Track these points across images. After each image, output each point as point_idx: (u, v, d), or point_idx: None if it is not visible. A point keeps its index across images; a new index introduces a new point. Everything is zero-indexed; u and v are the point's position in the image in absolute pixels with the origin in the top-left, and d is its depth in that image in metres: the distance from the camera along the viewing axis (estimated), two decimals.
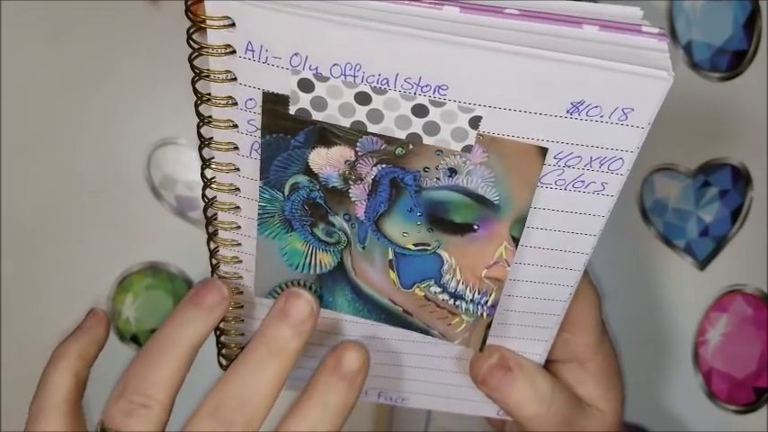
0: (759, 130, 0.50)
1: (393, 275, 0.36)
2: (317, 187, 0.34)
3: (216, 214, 0.36)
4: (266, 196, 0.34)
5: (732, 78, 0.49)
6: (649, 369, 0.53)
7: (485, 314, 0.37)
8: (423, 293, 0.37)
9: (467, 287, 0.36)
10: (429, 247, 0.35)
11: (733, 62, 0.49)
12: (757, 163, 0.50)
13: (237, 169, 0.34)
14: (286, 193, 0.34)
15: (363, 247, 0.36)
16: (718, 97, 0.49)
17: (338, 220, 0.35)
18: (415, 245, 0.35)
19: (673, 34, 0.49)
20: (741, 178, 0.50)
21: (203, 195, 0.35)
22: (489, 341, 0.39)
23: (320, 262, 0.36)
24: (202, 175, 0.35)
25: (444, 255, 0.35)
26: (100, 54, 0.48)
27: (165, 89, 0.48)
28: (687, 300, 0.52)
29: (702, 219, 0.51)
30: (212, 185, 0.35)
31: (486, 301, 0.36)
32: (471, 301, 0.36)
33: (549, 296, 0.36)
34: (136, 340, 0.50)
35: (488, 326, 0.37)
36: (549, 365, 0.40)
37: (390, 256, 0.36)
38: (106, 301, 0.50)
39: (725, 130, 0.50)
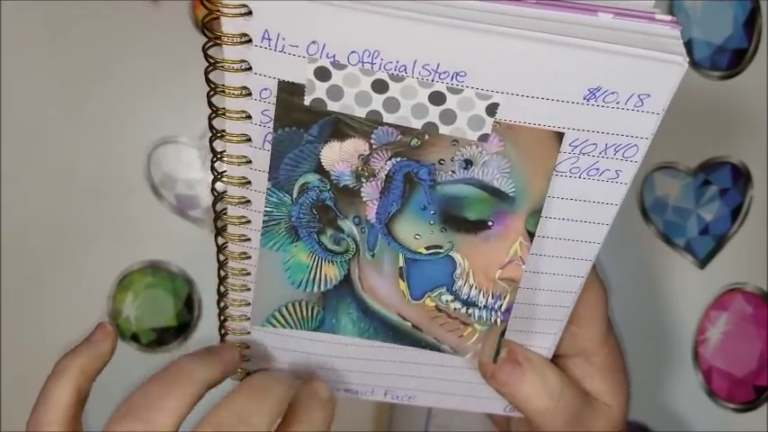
0: (759, 128, 0.50)
1: (403, 286, 0.36)
2: (328, 187, 0.33)
3: (225, 209, 0.35)
4: (273, 200, 0.34)
5: (732, 77, 0.49)
6: (650, 367, 0.53)
7: (499, 320, 0.36)
8: (434, 303, 0.36)
9: (480, 292, 0.36)
10: (441, 250, 0.35)
11: (733, 61, 0.49)
12: (757, 161, 0.50)
13: (249, 161, 0.34)
14: (294, 195, 0.34)
15: (372, 255, 0.35)
16: (718, 96, 0.49)
17: (347, 225, 0.34)
18: (428, 248, 0.35)
19: None
20: (741, 177, 0.50)
21: (212, 189, 0.35)
22: None
23: (325, 276, 0.36)
24: (212, 168, 0.34)
25: (457, 257, 0.35)
26: (100, 53, 0.48)
27: (165, 88, 0.48)
28: (687, 298, 0.52)
29: (702, 217, 0.51)
30: (223, 179, 0.34)
31: (501, 306, 0.36)
32: (485, 307, 0.36)
33: (561, 288, 0.36)
34: (136, 339, 0.50)
35: (502, 333, 0.37)
36: (555, 360, 0.40)
37: (401, 263, 0.35)
38: (106, 299, 0.50)
39: (725, 128, 0.50)
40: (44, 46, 0.47)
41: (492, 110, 0.31)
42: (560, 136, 0.31)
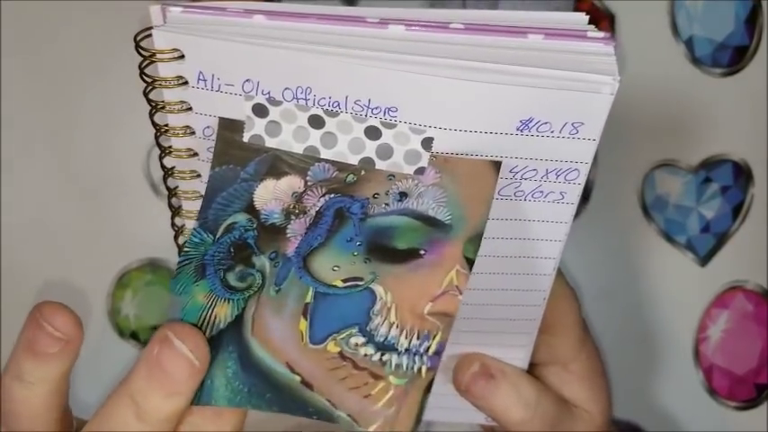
0: (760, 125, 0.50)
1: (303, 326, 0.31)
2: (254, 226, 0.32)
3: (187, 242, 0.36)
4: (195, 240, 0.32)
5: (734, 74, 0.49)
6: (650, 366, 0.53)
7: (424, 368, 0.31)
8: (338, 349, 0.31)
9: (402, 332, 0.31)
10: (361, 283, 0.31)
11: (734, 58, 0.49)
12: (759, 159, 0.50)
13: (202, 196, 0.34)
14: (218, 235, 0.32)
15: (278, 290, 0.31)
16: (719, 93, 0.49)
17: (261, 260, 0.32)
18: (345, 280, 0.31)
19: (674, 30, 0.49)
20: (742, 174, 0.50)
21: (173, 224, 0.36)
22: (468, 349, 0.38)
23: (215, 317, 0.31)
24: (170, 205, 0.35)
25: (378, 290, 0.31)
26: (99, 52, 0.48)
27: None
28: (688, 296, 0.52)
29: (703, 215, 0.50)
30: (180, 214, 0.35)
31: (428, 348, 0.31)
32: (407, 351, 0.31)
33: (523, 302, 0.36)
34: (135, 337, 0.50)
35: (427, 389, 0.31)
36: (532, 369, 0.40)
37: (308, 298, 0.31)
38: (105, 297, 0.50)
39: (726, 125, 0.50)
40: (44, 44, 0.47)
41: (427, 144, 0.31)
42: (498, 165, 0.31)
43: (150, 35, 0.31)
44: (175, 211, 0.35)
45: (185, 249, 0.32)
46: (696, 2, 0.48)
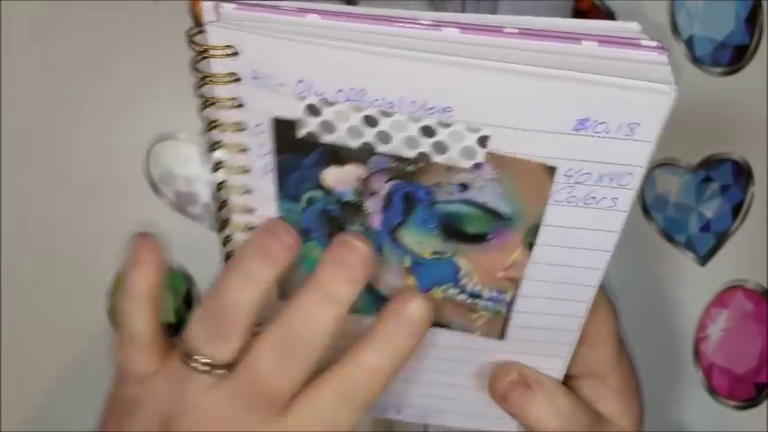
0: (760, 125, 0.50)
1: (411, 281, 0.36)
2: (333, 201, 0.34)
3: (230, 235, 0.36)
4: (286, 207, 0.35)
5: (734, 73, 0.49)
6: (649, 365, 0.53)
7: (503, 309, 0.37)
8: (442, 295, 0.37)
9: (483, 288, 0.36)
10: (445, 256, 0.35)
11: (735, 57, 0.49)
12: (759, 158, 0.50)
13: (250, 191, 0.34)
14: (303, 205, 0.34)
15: (381, 255, 0.36)
16: (719, 92, 0.49)
17: (355, 230, 0.35)
18: (432, 253, 0.35)
19: (674, 29, 0.49)
20: (742, 173, 0.50)
21: (218, 218, 0.36)
22: (506, 357, 0.39)
23: None
24: (215, 198, 0.35)
25: (460, 261, 0.35)
26: (99, 51, 0.47)
27: (165, 84, 0.48)
28: (688, 295, 0.52)
29: (703, 214, 0.51)
30: (226, 206, 0.35)
31: (505, 298, 0.37)
32: (489, 299, 0.37)
33: (565, 312, 0.36)
34: None
35: (506, 320, 0.38)
36: (568, 381, 0.40)
37: (407, 263, 0.36)
38: (105, 296, 0.50)
39: (726, 125, 0.50)
40: (43, 43, 0.47)
41: (483, 141, 0.31)
42: (552, 168, 0.31)
43: (202, 31, 0.30)
44: (221, 204, 0.35)
45: (280, 215, 0.35)
46: (696, 1, 0.48)
